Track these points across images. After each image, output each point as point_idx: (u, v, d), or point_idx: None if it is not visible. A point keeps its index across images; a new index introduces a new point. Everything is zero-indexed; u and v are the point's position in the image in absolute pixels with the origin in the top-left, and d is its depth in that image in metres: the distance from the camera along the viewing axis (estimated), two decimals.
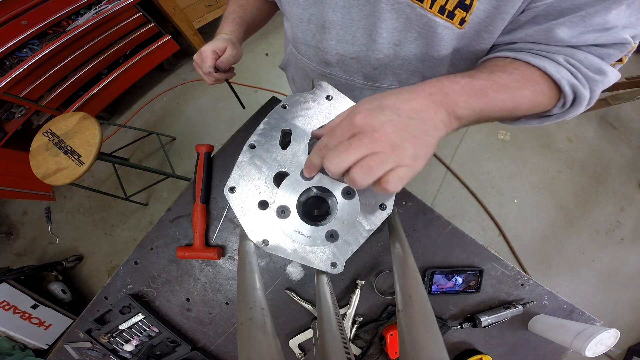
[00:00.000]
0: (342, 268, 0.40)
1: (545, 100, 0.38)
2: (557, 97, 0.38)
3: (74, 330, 0.65)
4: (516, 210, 1.76)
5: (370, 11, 0.41)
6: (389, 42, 0.44)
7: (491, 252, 0.64)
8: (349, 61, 0.51)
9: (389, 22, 0.41)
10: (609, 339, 0.56)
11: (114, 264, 1.74)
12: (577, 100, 0.37)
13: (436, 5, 0.37)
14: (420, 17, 0.39)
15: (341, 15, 0.44)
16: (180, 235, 0.65)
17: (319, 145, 0.32)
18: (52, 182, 1.12)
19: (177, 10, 1.64)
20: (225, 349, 0.66)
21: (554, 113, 0.40)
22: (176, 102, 1.97)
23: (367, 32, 0.44)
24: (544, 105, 0.38)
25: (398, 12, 0.40)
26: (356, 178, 0.28)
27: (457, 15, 0.37)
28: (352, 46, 0.48)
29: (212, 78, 0.59)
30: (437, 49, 0.43)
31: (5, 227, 1.82)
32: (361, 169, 0.28)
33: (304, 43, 0.53)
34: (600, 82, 0.36)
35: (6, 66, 1.32)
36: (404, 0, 0.38)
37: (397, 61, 0.48)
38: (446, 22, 0.38)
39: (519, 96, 0.35)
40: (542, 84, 0.36)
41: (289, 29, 0.56)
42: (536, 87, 0.36)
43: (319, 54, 0.53)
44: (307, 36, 0.51)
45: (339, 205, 0.40)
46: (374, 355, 0.63)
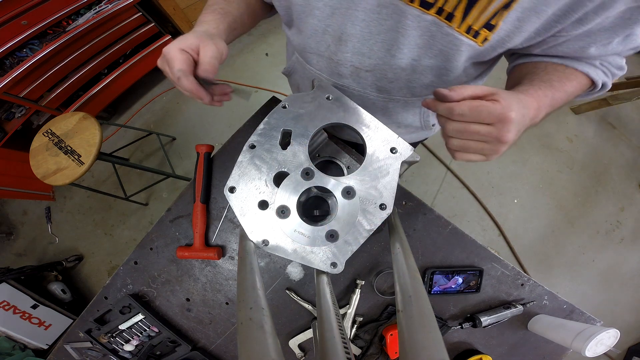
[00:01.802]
0: (342, 268, 0.40)
1: (582, 92, 0.46)
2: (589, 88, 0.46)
3: (74, 330, 0.65)
4: (516, 210, 1.76)
5: (392, 26, 0.41)
6: (408, 57, 0.44)
7: (491, 252, 0.64)
8: (363, 74, 0.50)
9: (412, 38, 0.41)
10: (609, 339, 0.56)
11: (114, 264, 1.74)
12: (602, 89, 0.46)
13: (464, 25, 0.37)
14: (446, 35, 0.39)
15: (360, 29, 0.43)
16: (180, 235, 0.65)
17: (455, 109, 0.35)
18: (52, 182, 1.12)
19: (177, 10, 1.64)
20: (225, 349, 0.66)
21: (582, 96, 0.48)
22: (176, 102, 1.97)
23: (386, 46, 0.44)
24: (579, 95, 0.46)
25: (422, 30, 0.39)
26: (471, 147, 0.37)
27: (481, 34, 0.37)
28: (368, 59, 0.47)
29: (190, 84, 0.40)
30: (454, 63, 0.44)
31: (5, 227, 1.82)
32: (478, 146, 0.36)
33: (317, 54, 0.51)
34: (618, 75, 0.45)
35: (6, 66, 1.32)
36: (431, 19, 0.38)
37: (413, 75, 0.48)
38: (470, 41, 0.38)
39: (571, 97, 0.44)
40: (585, 84, 0.45)
41: (297, 38, 0.53)
42: (583, 87, 0.45)
43: (331, 66, 0.51)
44: (320, 47, 0.50)
45: (339, 205, 0.40)
46: (374, 355, 0.63)
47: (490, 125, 0.35)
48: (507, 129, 0.34)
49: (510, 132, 0.34)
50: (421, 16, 0.38)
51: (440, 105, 0.37)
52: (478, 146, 0.36)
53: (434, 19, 0.37)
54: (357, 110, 0.44)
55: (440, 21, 0.37)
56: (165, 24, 1.77)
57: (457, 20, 0.37)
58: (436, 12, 0.37)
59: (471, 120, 0.35)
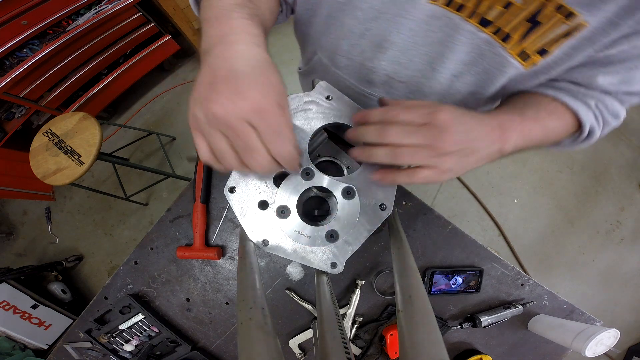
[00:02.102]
0: (342, 268, 0.40)
1: (565, 136, 0.43)
2: (573, 133, 0.43)
3: (74, 330, 0.65)
4: (516, 210, 1.76)
5: (440, 39, 0.38)
6: (449, 72, 0.42)
7: (491, 252, 0.64)
8: (396, 84, 0.46)
9: (459, 54, 0.39)
10: (609, 339, 0.56)
11: (114, 264, 1.74)
12: (588, 138, 0.42)
13: (519, 48, 0.35)
14: (496, 55, 0.37)
15: (405, 37, 0.39)
16: (180, 235, 0.65)
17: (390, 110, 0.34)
18: (52, 182, 1.12)
19: (177, 10, 1.63)
20: (225, 349, 0.66)
21: (564, 144, 0.45)
22: (176, 102, 1.97)
23: (428, 59, 0.41)
24: (561, 138, 0.43)
25: (473, 47, 0.37)
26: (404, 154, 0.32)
27: (531, 58, 0.36)
28: (405, 70, 0.44)
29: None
30: (492, 84, 0.42)
31: (5, 227, 1.82)
32: (413, 152, 0.32)
33: (347, 57, 0.47)
34: (612, 126, 0.42)
35: (6, 66, 1.32)
36: (485, 37, 0.35)
37: (448, 91, 0.45)
38: (518, 64, 0.36)
39: (551, 135, 0.40)
40: (570, 124, 0.41)
41: (325, 37, 0.48)
42: (566, 127, 0.41)
43: (362, 72, 0.48)
44: (353, 50, 0.46)
45: (339, 205, 0.40)
46: (374, 355, 0.63)
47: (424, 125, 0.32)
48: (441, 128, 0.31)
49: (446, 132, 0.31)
50: (476, 33, 0.35)
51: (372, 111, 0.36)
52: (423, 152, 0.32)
53: (488, 37, 0.35)
54: (358, 109, 0.44)
55: (495, 41, 0.35)
56: (165, 24, 1.77)
57: (512, 42, 0.35)
58: (493, 32, 0.35)
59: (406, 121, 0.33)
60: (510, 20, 0.33)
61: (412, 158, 0.32)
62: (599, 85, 0.38)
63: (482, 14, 0.34)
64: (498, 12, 0.33)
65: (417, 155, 0.32)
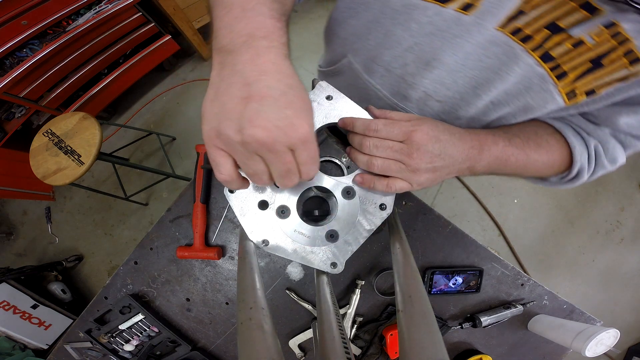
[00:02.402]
0: (342, 268, 0.40)
1: (549, 172, 0.42)
2: (562, 171, 0.42)
3: (74, 330, 0.65)
4: (516, 210, 1.76)
5: (493, 66, 0.36)
6: (489, 99, 0.40)
7: (491, 252, 0.64)
8: (432, 103, 0.44)
9: (507, 83, 0.37)
10: (609, 339, 0.56)
11: (114, 264, 1.74)
12: (574, 179, 0.42)
13: (570, 86, 0.34)
14: (545, 91, 0.35)
15: (457, 59, 0.37)
16: (180, 235, 0.65)
17: (372, 124, 0.36)
18: (52, 182, 1.12)
19: (177, 10, 1.63)
20: (225, 349, 0.66)
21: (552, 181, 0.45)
22: (176, 102, 1.97)
23: (474, 83, 0.39)
24: (544, 174, 0.43)
25: (524, 79, 0.35)
26: (375, 164, 0.36)
27: (577, 97, 0.34)
28: (446, 90, 0.41)
29: None
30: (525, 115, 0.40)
31: (5, 227, 1.82)
32: (384, 163, 0.35)
33: (386, 67, 0.44)
34: (606, 171, 0.41)
35: (6, 66, 1.32)
36: (541, 72, 0.34)
37: (482, 116, 0.44)
38: (562, 100, 0.35)
39: (532, 167, 0.40)
40: (559, 161, 0.41)
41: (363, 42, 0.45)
42: (553, 163, 0.41)
43: (400, 85, 0.45)
44: (394, 63, 0.43)
45: (339, 205, 0.40)
46: (374, 355, 0.63)
47: (401, 142, 0.35)
48: (415, 147, 0.34)
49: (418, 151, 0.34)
50: (533, 67, 0.34)
51: (358, 120, 0.37)
52: (396, 166, 0.35)
53: (544, 73, 0.34)
54: (358, 110, 0.44)
55: (550, 77, 0.34)
56: (165, 24, 1.77)
57: (566, 81, 0.33)
58: (551, 67, 0.33)
59: (384, 137, 0.35)
60: (573, 59, 0.32)
61: (386, 170, 0.36)
62: (616, 125, 0.37)
63: (547, 49, 0.32)
64: (565, 49, 0.32)
65: (390, 168, 0.35)
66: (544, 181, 0.46)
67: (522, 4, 0.31)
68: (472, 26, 0.34)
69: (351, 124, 0.38)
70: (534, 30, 0.32)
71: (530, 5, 0.31)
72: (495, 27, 0.33)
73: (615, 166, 0.41)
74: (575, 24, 0.30)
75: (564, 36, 0.31)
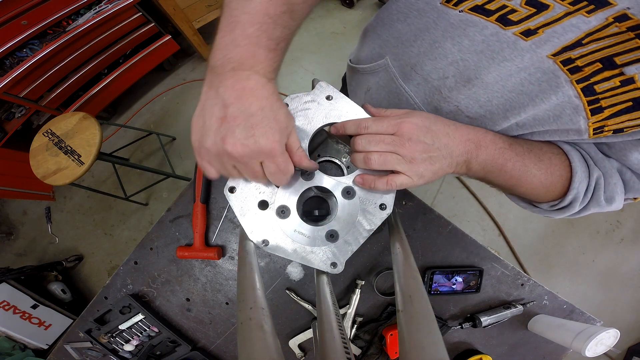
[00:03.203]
0: (342, 268, 0.40)
1: (543, 195, 0.42)
2: (554, 198, 0.41)
3: (74, 330, 0.65)
4: (516, 210, 1.76)
5: (532, 91, 0.35)
6: (516, 121, 0.39)
7: (491, 252, 0.64)
8: (462, 117, 0.43)
9: (539, 110, 0.36)
10: (609, 339, 0.56)
11: (114, 264, 1.74)
12: (564, 210, 0.41)
13: (601, 123, 0.33)
14: (572, 123, 0.34)
15: (498, 79, 0.36)
16: (180, 235, 0.65)
17: (362, 122, 0.38)
18: (52, 182, 1.12)
19: (177, 10, 1.63)
20: (225, 349, 0.66)
21: (542, 209, 0.44)
22: (176, 102, 1.97)
23: (507, 105, 0.38)
24: (537, 196, 0.42)
25: (557, 108, 0.35)
26: (372, 159, 0.36)
27: (604, 134, 0.33)
28: (479, 108, 0.40)
29: None
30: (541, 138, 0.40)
31: (5, 227, 1.82)
32: (380, 157, 0.36)
33: (424, 77, 0.43)
34: (599, 207, 0.40)
35: (6, 66, 1.32)
36: (578, 104, 0.33)
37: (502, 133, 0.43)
38: (587, 135, 0.34)
39: (526, 180, 0.39)
40: (556, 183, 0.40)
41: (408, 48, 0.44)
42: (546, 183, 0.40)
43: (434, 96, 0.44)
44: (434, 74, 0.42)
45: (339, 205, 0.40)
46: (374, 355, 0.63)
47: (393, 135, 0.36)
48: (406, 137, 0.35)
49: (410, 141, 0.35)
50: (571, 98, 0.33)
51: (348, 122, 0.39)
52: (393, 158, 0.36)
53: (581, 105, 0.32)
54: (358, 110, 0.44)
55: (584, 110, 0.33)
56: (165, 24, 1.77)
57: (599, 117, 0.32)
58: (589, 102, 0.32)
59: (375, 132, 0.36)
60: (616, 96, 0.31)
61: (383, 162, 0.36)
62: (628, 159, 0.36)
63: (593, 82, 0.31)
64: (611, 86, 0.30)
65: (387, 160, 0.36)
66: (533, 207, 0.45)
67: (583, 35, 0.30)
68: (526, 52, 0.33)
69: (342, 128, 0.39)
70: (586, 62, 0.30)
71: (592, 38, 0.29)
72: (547, 55, 0.32)
73: (610, 207, 0.40)
74: (633, 61, 0.29)
75: (616, 72, 0.30)
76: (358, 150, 0.38)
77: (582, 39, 0.30)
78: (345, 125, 0.39)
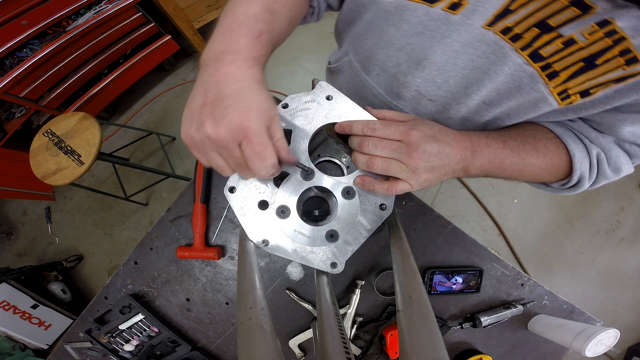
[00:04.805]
0: (342, 268, 0.40)
1: (548, 177, 0.42)
2: (561, 178, 0.42)
3: (74, 330, 0.65)
4: (516, 210, 1.76)
5: (483, 65, 0.36)
6: (481, 98, 0.40)
7: (491, 252, 0.64)
8: (425, 102, 0.45)
9: (497, 83, 0.37)
10: (609, 339, 0.56)
11: (114, 264, 1.74)
12: (575, 187, 0.42)
13: (562, 86, 0.33)
14: (535, 91, 0.35)
15: (447, 58, 0.38)
16: (180, 235, 0.65)
17: (370, 124, 0.37)
18: (52, 182, 1.12)
19: (177, 10, 1.63)
20: (225, 349, 0.66)
21: (554, 188, 0.45)
22: (176, 102, 1.97)
23: (465, 82, 0.39)
24: (543, 179, 0.43)
25: (514, 78, 0.35)
26: (375, 164, 0.36)
27: (571, 98, 0.34)
28: (438, 90, 0.42)
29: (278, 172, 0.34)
30: (519, 117, 0.40)
31: (5, 227, 1.82)
32: (384, 162, 0.36)
33: (381, 66, 0.46)
34: (608, 180, 0.41)
35: (6, 66, 1.32)
36: (531, 71, 0.33)
37: (474, 116, 0.44)
38: (555, 101, 0.35)
39: (528, 171, 0.40)
40: (557, 167, 0.40)
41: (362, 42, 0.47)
42: (552, 168, 0.41)
43: (393, 84, 0.46)
44: (388, 62, 0.44)
45: (339, 205, 0.40)
46: (374, 355, 0.63)
47: (400, 142, 0.35)
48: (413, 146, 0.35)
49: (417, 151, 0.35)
50: (523, 66, 0.33)
51: (355, 122, 0.38)
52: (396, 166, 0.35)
53: (534, 72, 0.33)
54: (358, 110, 0.44)
55: (540, 76, 0.33)
56: (165, 24, 1.77)
57: (557, 81, 0.33)
58: (541, 67, 0.33)
59: (382, 136, 0.36)
60: (564, 58, 0.31)
61: (386, 169, 0.36)
62: (620, 133, 0.37)
63: (536, 48, 0.32)
64: (555, 48, 0.31)
65: (391, 167, 0.36)
66: (546, 186, 0.46)
67: (509, 1, 0.31)
68: (460, 25, 0.34)
69: (349, 127, 0.39)
70: (523, 28, 0.31)
71: (518, 3, 0.30)
72: (482, 26, 0.33)
73: (620, 175, 0.40)
74: (565, 22, 0.29)
75: (554, 35, 0.30)
76: (362, 152, 0.37)
77: (508, 5, 0.31)
78: (352, 125, 0.39)
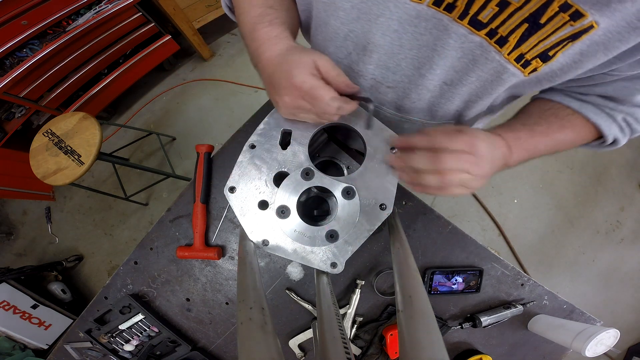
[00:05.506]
0: (342, 268, 0.40)
1: (584, 142, 0.44)
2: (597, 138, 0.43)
3: (74, 330, 0.65)
4: (516, 210, 1.76)
5: (428, 42, 0.36)
6: (439, 78, 0.40)
7: (491, 252, 0.64)
8: (384, 89, 0.45)
9: (449, 59, 0.36)
10: (609, 339, 0.56)
11: (114, 264, 1.74)
12: (612, 145, 0.43)
13: (516, 52, 0.32)
14: (490, 61, 0.34)
15: (390, 40, 0.37)
16: (180, 235, 0.65)
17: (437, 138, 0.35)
18: (52, 182, 1.12)
19: (177, 10, 1.63)
20: (225, 349, 0.66)
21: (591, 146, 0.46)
22: (176, 102, 1.97)
23: (416, 63, 0.39)
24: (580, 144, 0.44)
25: (464, 52, 0.35)
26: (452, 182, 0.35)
27: (532, 65, 0.33)
28: (392, 74, 0.42)
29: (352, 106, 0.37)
30: (489, 94, 0.40)
31: (5, 227, 1.82)
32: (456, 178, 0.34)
33: (335, 60, 0.45)
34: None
35: (6, 66, 1.32)
36: (479, 41, 0.33)
37: (440, 99, 0.43)
38: (516, 70, 0.34)
39: (562, 146, 0.42)
40: (588, 135, 0.42)
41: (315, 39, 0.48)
42: (584, 137, 0.42)
43: (350, 76, 0.46)
44: (339, 53, 0.44)
45: (339, 205, 0.40)
46: (374, 355, 0.63)
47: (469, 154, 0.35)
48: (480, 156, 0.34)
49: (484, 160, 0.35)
50: (468, 36, 0.33)
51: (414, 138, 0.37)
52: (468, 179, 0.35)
53: (482, 41, 0.33)
54: (358, 110, 0.44)
55: (489, 45, 0.32)
56: (165, 24, 1.77)
57: (509, 47, 0.32)
58: (486, 34, 0.32)
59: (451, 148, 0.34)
60: (505, 22, 0.30)
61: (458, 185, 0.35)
62: (636, 101, 0.37)
63: (473, 14, 0.31)
64: (492, 12, 0.30)
65: (462, 180, 0.35)
66: (586, 145, 0.46)
67: None
68: (389, 2, 0.34)
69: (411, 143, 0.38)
70: None
71: None
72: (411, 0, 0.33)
73: None
74: None
75: None
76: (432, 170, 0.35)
77: None
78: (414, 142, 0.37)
